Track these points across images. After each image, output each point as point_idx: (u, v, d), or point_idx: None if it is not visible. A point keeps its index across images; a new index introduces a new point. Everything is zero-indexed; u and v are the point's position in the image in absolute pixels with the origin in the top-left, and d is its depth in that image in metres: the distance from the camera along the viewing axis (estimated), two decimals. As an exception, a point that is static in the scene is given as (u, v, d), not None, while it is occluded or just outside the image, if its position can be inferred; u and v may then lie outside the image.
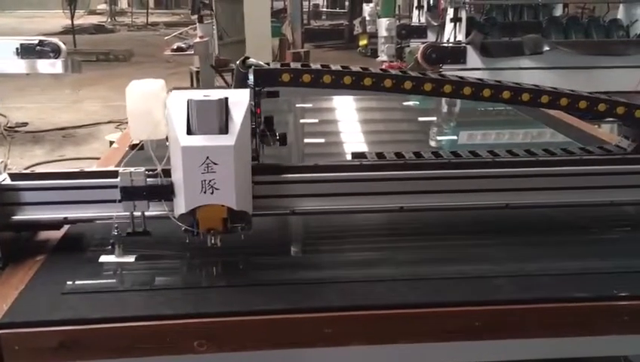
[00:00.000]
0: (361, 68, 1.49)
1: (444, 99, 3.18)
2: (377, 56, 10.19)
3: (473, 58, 4.71)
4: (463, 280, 1.28)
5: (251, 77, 1.38)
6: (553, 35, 5.20)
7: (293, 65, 1.45)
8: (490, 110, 2.97)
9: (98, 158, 2.16)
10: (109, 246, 1.34)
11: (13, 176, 1.37)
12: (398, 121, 2.97)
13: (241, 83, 1.40)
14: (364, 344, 1.16)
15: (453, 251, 1.44)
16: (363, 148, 2.37)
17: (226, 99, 1.22)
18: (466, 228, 1.52)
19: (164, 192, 1.28)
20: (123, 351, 1.13)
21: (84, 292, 1.22)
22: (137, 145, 1.31)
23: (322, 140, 2.53)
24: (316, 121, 2.83)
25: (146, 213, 1.33)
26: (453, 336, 1.18)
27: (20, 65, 5.20)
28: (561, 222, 1.57)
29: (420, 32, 6.31)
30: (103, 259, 1.34)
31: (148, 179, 1.30)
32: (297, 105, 3.04)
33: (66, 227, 1.43)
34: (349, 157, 1.70)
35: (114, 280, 1.29)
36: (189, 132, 1.20)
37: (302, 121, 2.84)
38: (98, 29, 17.41)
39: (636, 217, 1.61)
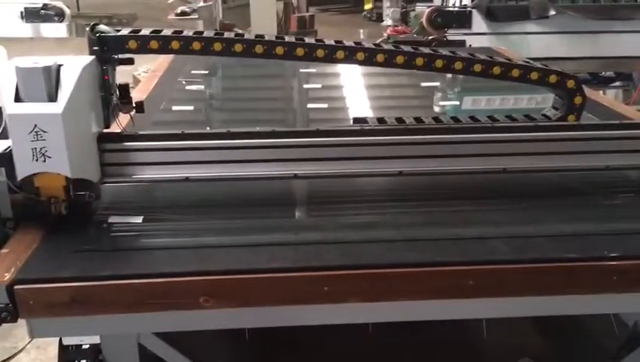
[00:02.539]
0: (215, 33, 1.50)
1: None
2: (382, 21, 10.09)
3: (479, 22, 4.67)
4: (460, 241, 1.32)
5: (98, 44, 1.38)
6: (560, -2, 5.12)
7: (143, 32, 1.45)
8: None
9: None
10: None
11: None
12: (402, 87, 2.98)
13: (91, 51, 1.40)
14: (360, 301, 1.21)
15: (452, 214, 1.48)
16: (366, 113, 2.39)
17: (59, 66, 1.23)
18: (464, 192, 1.56)
19: (4, 159, 1.28)
20: (132, 306, 1.19)
21: (94, 250, 1.27)
22: None
23: (326, 105, 2.55)
24: (320, 86, 2.84)
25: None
26: (447, 294, 1.23)
27: (25, 29, 5.19)
28: (560, 186, 1.59)
29: (426, -5, 6.23)
30: (112, 219, 1.39)
31: None
32: (301, 71, 3.05)
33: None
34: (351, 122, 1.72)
35: (123, 240, 1.34)
36: (18, 99, 1.21)
37: (305, 86, 2.85)
38: (101, -9, 17.20)
39: (638, 183, 1.64)
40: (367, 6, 12.27)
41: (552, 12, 4.67)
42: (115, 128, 1.49)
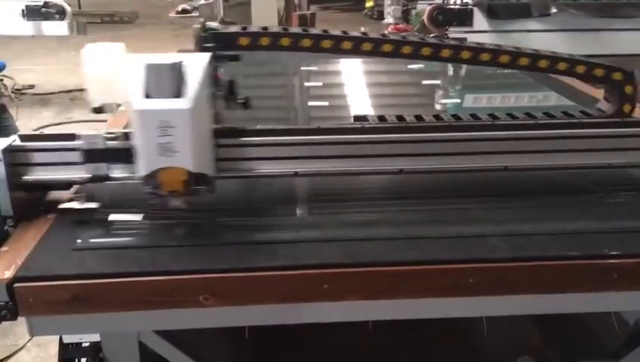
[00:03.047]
0: (323, 30, 1.50)
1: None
2: (383, 19, 10.08)
3: (480, 20, 4.67)
4: (460, 239, 1.32)
5: (210, 41, 1.39)
6: (561, -4, 5.12)
7: (252, 28, 1.46)
8: (496, 73, 2.97)
9: (105, 121, 2.19)
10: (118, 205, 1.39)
11: (23, 138, 1.40)
12: (404, 85, 2.97)
13: (201, 48, 1.41)
14: (360, 299, 1.21)
15: (452, 212, 1.48)
16: (367, 111, 2.39)
17: (181, 63, 1.24)
18: (465, 190, 1.55)
19: (125, 155, 1.31)
20: (133, 304, 1.19)
21: (94, 248, 1.27)
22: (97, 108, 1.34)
23: (327, 103, 2.55)
24: (320, 84, 2.84)
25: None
26: (447, 292, 1.23)
27: (26, 27, 5.20)
28: (562, 184, 1.59)
29: (427, -7, 6.22)
30: (112, 217, 1.39)
31: (110, 142, 1.33)
32: (302, 68, 3.05)
33: (75, 187, 1.48)
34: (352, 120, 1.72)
35: (123, 238, 1.33)
36: (146, 96, 1.22)
37: (306, 84, 2.85)
38: (103, -11, 17.22)
39: None
40: (369, 4, 12.25)
41: (554, 10, 4.67)
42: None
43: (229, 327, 1.40)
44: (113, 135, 1.35)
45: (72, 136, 1.41)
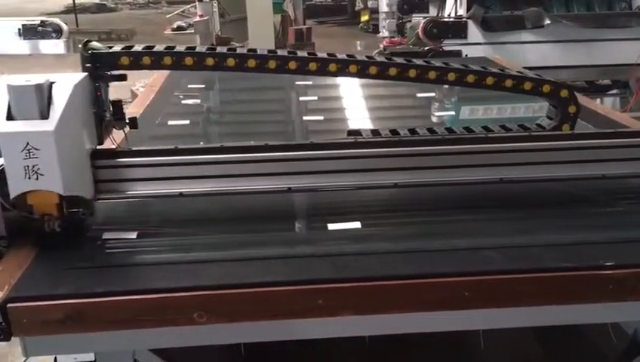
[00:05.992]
0: (208, 48, 1.51)
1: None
2: (379, 32, 10.14)
3: (474, 32, 4.70)
4: (454, 252, 1.32)
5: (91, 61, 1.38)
6: (555, 8, 5.15)
7: (135, 48, 1.46)
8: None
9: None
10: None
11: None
12: (400, 97, 2.98)
13: (84, 67, 1.40)
14: (354, 314, 1.20)
15: (447, 225, 1.47)
16: (363, 124, 2.39)
17: (50, 83, 1.23)
18: (460, 203, 1.55)
19: None
20: (126, 323, 1.18)
21: (88, 267, 1.26)
22: None
23: (322, 118, 2.55)
24: (316, 98, 2.84)
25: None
26: (442, 306, 1.22)
27: (23, 46, 5.21)
28: (557, 195, 1.58)
29: (421, 6, 6.26)
30: (106, 235, 1.38)
31: None
32: (297, 83, 3.05)
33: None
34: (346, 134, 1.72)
35: (117, 256, 1.33)
36: (10, 118, 1.21)
37: (302, 98, 2.85)
38: (100, 7, 17.33)
39: (635, 191, 1.63)
40: (364, 18, 12.32)
41: (547, 21, 4.69)
42: (109, 145, 1.49)
43: (225, 344, 1.39)
44: None
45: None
